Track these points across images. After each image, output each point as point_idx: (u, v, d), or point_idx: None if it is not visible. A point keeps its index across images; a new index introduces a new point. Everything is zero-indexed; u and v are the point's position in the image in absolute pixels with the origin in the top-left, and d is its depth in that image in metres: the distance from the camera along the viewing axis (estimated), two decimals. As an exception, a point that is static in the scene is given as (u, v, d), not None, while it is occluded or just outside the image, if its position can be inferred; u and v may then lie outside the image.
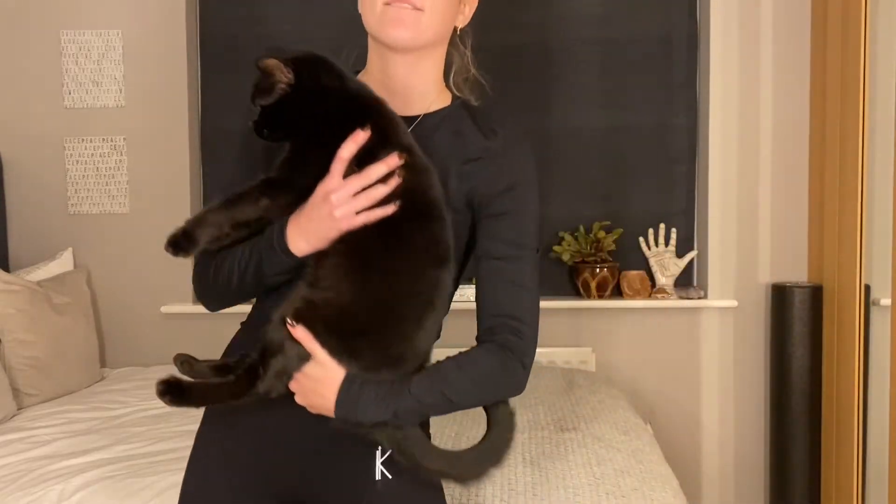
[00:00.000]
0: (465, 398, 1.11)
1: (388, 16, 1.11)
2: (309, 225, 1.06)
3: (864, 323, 2.55)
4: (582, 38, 3.09)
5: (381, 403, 1.05)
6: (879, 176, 2.49)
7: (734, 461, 3.04)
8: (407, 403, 1.06)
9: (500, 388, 1.13)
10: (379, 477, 1.13)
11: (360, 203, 1.03)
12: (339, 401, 1.05)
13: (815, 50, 2.88)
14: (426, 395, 1.07)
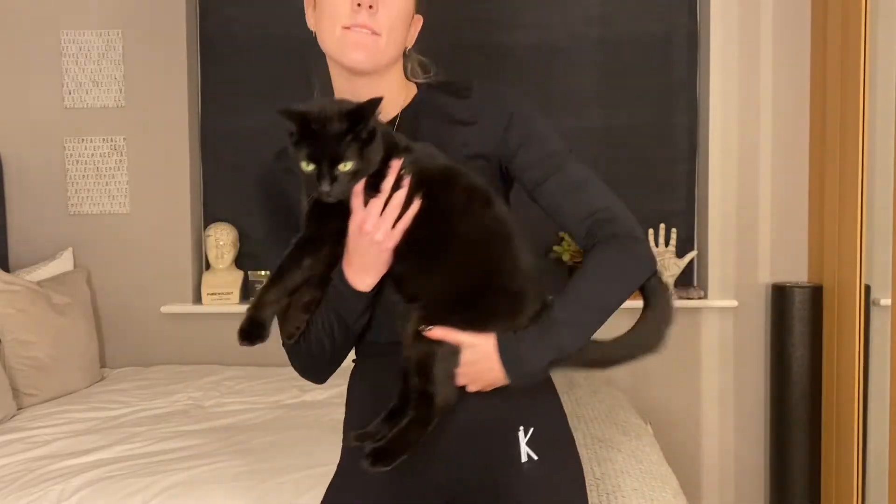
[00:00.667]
0: (610, 297, 1.17)
1: (347, 40, 1.15)
2: (362, 261, 1.12)
3: (864, 323, 2.55)
4: (582, 38, 3.09)
5: (541, 345, 1.09)
6: (879, 176, 2.49)
7: (734, 461, 3.04)
8: (564, 331, 1.10)
9: (632, 271, 1.18)
10: (525, 459, 1.16)
11: (390, 217, 1.09)
12: (505, 364, 1.08)
13: (815, 50, 2.88)
14: (575, 314, 1.12)
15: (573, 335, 1.12)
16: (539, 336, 1.10)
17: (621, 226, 1.18)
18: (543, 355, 1.10)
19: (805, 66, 2.93)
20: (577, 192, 1.22)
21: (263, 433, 2.15)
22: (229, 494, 1.74)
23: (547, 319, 1.11)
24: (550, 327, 1.10)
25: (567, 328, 1.11)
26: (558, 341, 1.10)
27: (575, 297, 1.14)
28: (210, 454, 1.99)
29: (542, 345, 1.09)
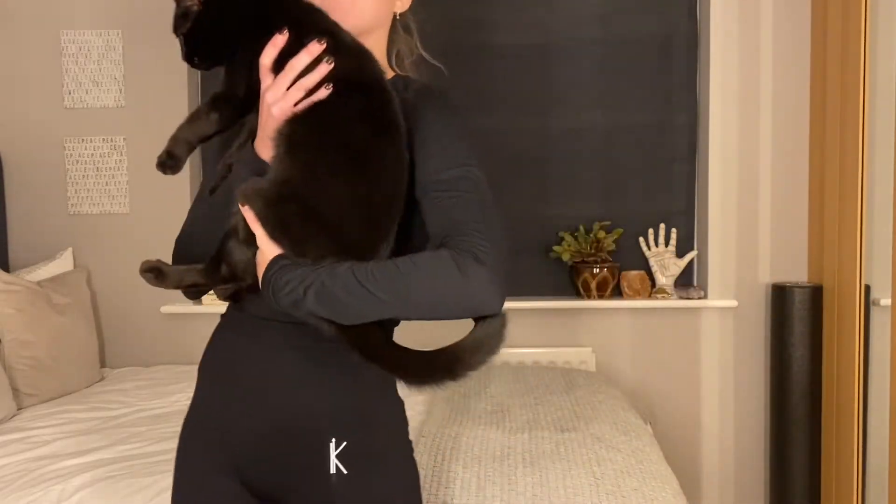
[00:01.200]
0: (403, 288, 0.98)
1: (325, 2, 1.13)
2: (262, 133, 1.09)
3: (864, 323, 2.55)
4: (582, 38, 3.09)
5: (297, 290, 1.01)
6: (879, 176, 2.49)
7: (734, 461, 3.04)
8: (323, 296, 0.99)
9: (444, 285, 0.98)
10: (333, 471, 1.09)
11: (293, 96, 1.05)
12: (263, 279, 1.05)
13: (815, 49, 2.88)
14: (346, 284, 0.99)
15: (323, 298, 1.00)
16: (299, 277, 1.01)
17: (468, 242, 0.99)
18: (291, 297, 1.01)
19: (805, 66, 2.93)
20: (457, 208, 1.04)
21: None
22: (229, 494, 1.74)
23: (320, 266, 1.02)
24: (312, 272, 1.01)
25: (325, 290, 0.99)
26: (310, 294, 1.00)
27: (358, 265, 1.00)
28: (210, 454, 1.99)
29: (295, 287, 1.01)
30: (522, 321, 2.98)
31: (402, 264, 0.99)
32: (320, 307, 1.00)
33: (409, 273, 0.98)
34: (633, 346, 3.05)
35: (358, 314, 1.01)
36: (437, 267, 0.98)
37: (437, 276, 0.98)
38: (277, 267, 1.03)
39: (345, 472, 1.09)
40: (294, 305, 1.02)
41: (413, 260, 1.00)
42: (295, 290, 1.01)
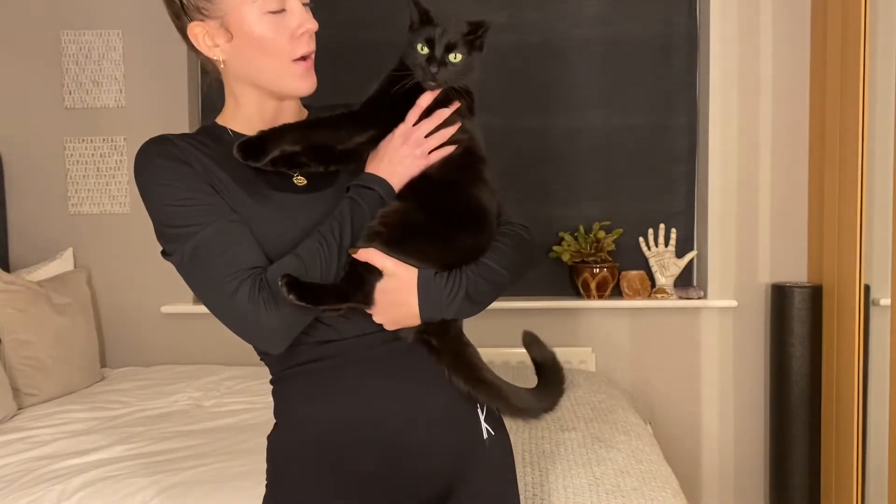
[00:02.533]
0: (514, 265, 1.20)
1: (297, 70, 1.18)
2: (391, 167, 1.15)
3: (864, 323, 2.55)
4: (582, 38, 3.09)
5: (454, 289, 1.12)
6: (879, 176, 2.49)
7: (734, 461, 3.04)
8: (476, 283, 1.14)
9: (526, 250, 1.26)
10: (486, 435, 1.20)
11: (433, 142, 1.16)
12: (421, 300, 1.11)
13: (815, 50, 2.88)
14: (486, 271, 1.16)
15: (478, 284, 1.14)
16: (450, 283, 1.12)
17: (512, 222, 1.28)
18: (455, 296, 1.12)
19: (805, 66, 2.93)
20: None
21: (263, 433, 2.14)
22: (229, 494, 1.74)
23: (455, 269, 1.15)
24: (458, 273, 1.14)
25: (475, 277, 1.14)
26: (465, 285, 1.13)
27: (485, 257, 1.19)
28: (210, 454, 1.99)
29: (453, 286, 1.12)
30: (522, 321, 2.97)
31: (506, 244, 1.21)
32: (478, 301, 1.15)
33: (515, 249, 1.21)
34: (633, 346, 3.05)
35: (498, 294, 1.19)
36: (516, 240, 1.23)
37: (520, 246, 1.23)
38: (433, 281, 1.12)
39: (493, 433, 1.21)
40: (456, 307, 1.13)
41: (506, 239, 1.22)
42: (457, 292, 1.12)
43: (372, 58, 3.11)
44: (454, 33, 1.17)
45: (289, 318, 1.09)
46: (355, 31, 3.01)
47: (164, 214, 1.15)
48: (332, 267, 1.10)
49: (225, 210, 1.12)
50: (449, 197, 1.17)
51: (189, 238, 1.11)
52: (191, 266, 1.12)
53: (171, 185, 1.13)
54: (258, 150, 1.13)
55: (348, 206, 1.13)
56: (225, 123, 1.24)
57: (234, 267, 1.09)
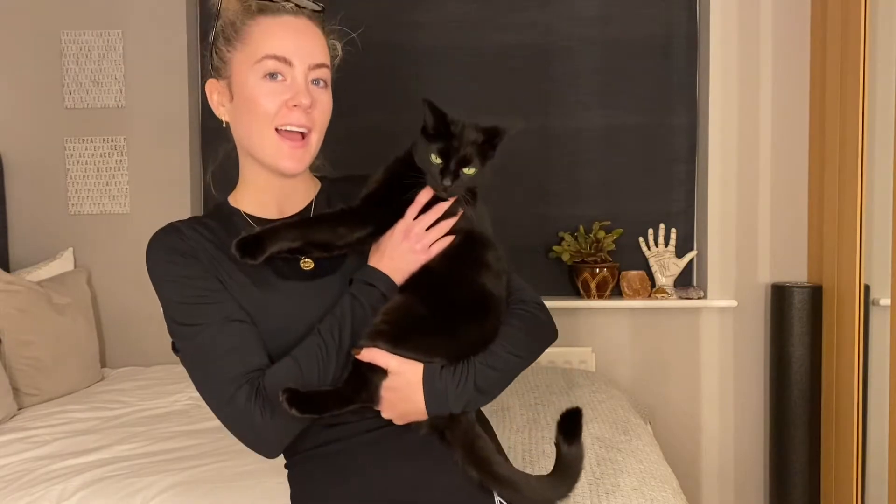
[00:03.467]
0: (526, 349, 1.19)
1: (281, 149, 1.17)
2: (393, 263, 1.16)
3: (864, 323, 2.55)
4: (582, 38, 3.09)
5: (461, 383, 1.12)
6: (879, 176, 2.49)
7: (734, 461, 3.04)
8: (484, 373, 1.13)
9: (540, 329, 1.24)
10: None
11: (434, 235, 1.16)
12: (427, 397, 1.11)
13: (815, 50, 2.88)
14: (494, 359, 1.15)
15: (486, 374, 1.14)
16: (458, 376, 1.12)
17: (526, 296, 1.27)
18: (461, 394, 1.12)
19: (805, 66, 2.93)
20: None
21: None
22: (229, 494, 1.74)
23: (465, 362, 1.14)
24: (468, 367, 1.14)
25: (483, 367, 1.14)
26: (473, 376, 1.13)
27: (493, 345, 1.18)
28: (210, 454, 1.99)
29: (461, 385, 1.12)
30: (522, 321, 2.98)
31: (518, 328, 1.20)
32: (487, 391, 1.15)
33: (527, 333, 1.21)
34: (633, 346, 3.05)
35: (509, 381, 1.19)
36: (529, 321, 1.22)
37: (534, 327, 1.23)
38: (438, 376, 1.12)
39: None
40: (464, 400, 1.12)
41: (517, 321, 1.21)
42: (464, 386, 1.12)
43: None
44: (469, 145, 1.14)
45: (285, 426, 1.11)
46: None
47: (172, 311, 1.16)
48: (329, 369, 1.11)
49: (230, 308, 1.13)
50: (451, 288, 1.17)
51: (193, 337, 1.13)
52: (193, 364, 1.14)
53: (177, 281, 1.15)
54: (255, 248, 1.13)
55: (349, 305, 1.13)
56: (237, 203, 1.25)
57: (233, 371, 1.10)
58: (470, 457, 1.15)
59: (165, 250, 1.18)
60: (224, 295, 1.14)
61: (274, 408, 1.08)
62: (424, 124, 1.16)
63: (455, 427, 1.15)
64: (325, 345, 1.11)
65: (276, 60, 1.15)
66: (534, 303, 1.25)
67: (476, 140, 1.14)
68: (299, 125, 1.16)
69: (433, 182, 1.15)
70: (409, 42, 3.08)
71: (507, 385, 1.19)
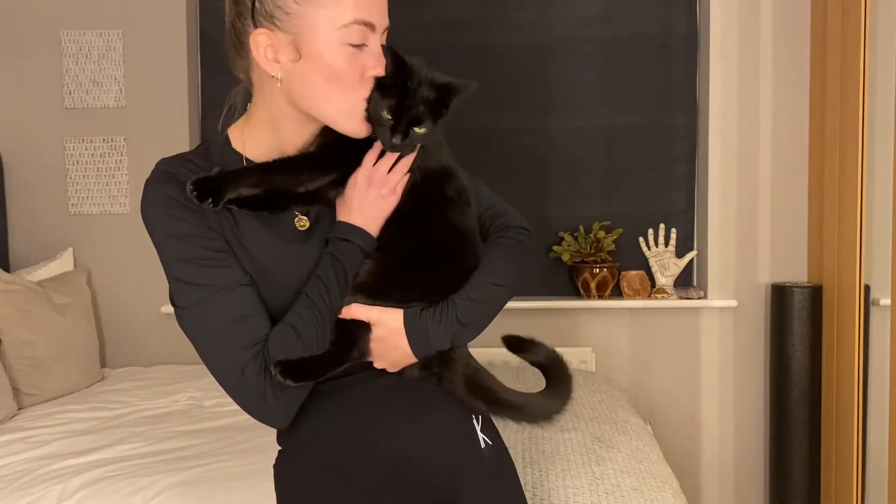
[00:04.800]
0: (502, 278, 1.16)
1: (363, 113, 1.10)
2: (363, 213, 1.12)
3: (864, 323, 2.55)
4: (582, 38, 3.09)
5: (442, 320, 1.11)
6: (879, 176, 2.49)
7: (734, 461, 3.04)
8: (465, 307, 1.12)
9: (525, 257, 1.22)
10: (483, 445, 1.18)
11: (397, 176, 1.12)
12: (410, 340, 1.10)
13: (815, 50, 2.88)
14: (475, 292, 1.13)
15: (471, 310, 1.13)
16: (439, 314, 1.11)
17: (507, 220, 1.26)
18: (445, 331, 1.11)
19: (805, 66, 2.93)
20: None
21: (263, 433, 2.15)
22: (229, 494, 1.74)
23: (447, 299, 1.13)
24: (450, 303, 1.12)
25: (463, 301, 1.13)
26: (458, 314, 1.12)
27: (475, 276, 1.16)
28: (210, 454, 1.99)
29: (443, 322, 1.11)
30: (522, 321, 2.98)
31: (501, 257, 1.18)
32: (471, 324, 1.13)
33: (511, 260, 1.18)
34: (632, 345, 3.05)
35: (496, 312, 1.17)
36: (512, 249, 1.20)
37: (519, 254, 1.20)
38: (418, 318, 1.11)
39: (490, 442, 1.20)
40: (449, 337, 1.12)
41: (500, 250, 1.19)
42: (446, 322, 1.11)
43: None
44: (422, 103, 1.10)
45: (292, 396, 1.10)
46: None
47: (174, 269, 1.09)
48: (327, 332, 1.09)
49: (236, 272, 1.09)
50: (416, 231, 1.15)
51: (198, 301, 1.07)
52: (196, 330, 1.09)
53: (179, 238, 1.08)
54: (215, 190, 1.06)
55: (331, 266, 1.10)
56: (242, 148, 1.16)
57: (241, 341, 1.07)
58: (473, 391, 1.16)
59: (164, 202, 1.08)
60: (230, 258, 1.09)
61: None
62: (384, 73, 1.10)
63: (449, 365, 1.15)
64: (316, 308, 1.08)
65: (365, 27, 1.07)
66: (517, 228, 1.23)
67: (429, 98, 1.10)
68: None
69: (382, 138, 1.10)
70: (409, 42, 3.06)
71: (493, 315, 1.17)
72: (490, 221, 1.24)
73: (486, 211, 1.25)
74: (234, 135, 1.17)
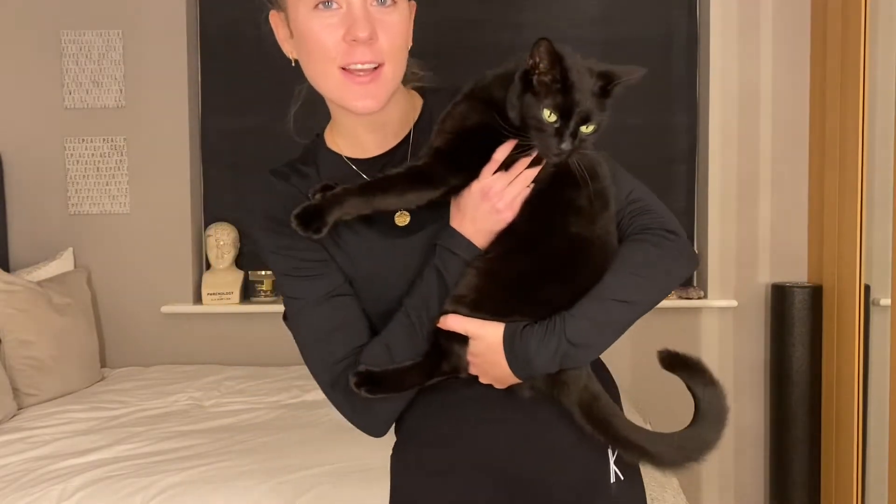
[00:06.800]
0: (630, 293, 1.03)
1: (348, 88, 1.02)
2: (475, 225, 1.03)
3: (864, 323, 2.55)
4: (582, 38, 3.09)
5: (550, 338, 0.99)
6: (879, 176, 2.49)
7: (734, 461, 3.04)
8: (576, 325, 1.00)
9: (664, 267, 1.07)
10: (613, 479, 1.10)
11: (515, 190, 1.01)
12: (509, 358, 1.00)
13: (815, 49, 2.88)
14: (591, 309, 1.01)
15: (585, 330, 1.00)
16: (547, 332, 1.00)
17: (649, 219, 1.11)
18: (549, 351, 0.99)
19: (805, 66, 2.93)
20: None
21: (263, 433, 2.15)
22: (229, 494, 1.75)
23: (558, 315, 1.01)
24: (561, 320, 1.00)
25: (574, 319, 1.00)
26: (568, 334, 0.99)
27: (595, 291, 1.03)
28: (210, 454, 1.99)
29: (550, 339, 0.99)
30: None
31: (631, 267, 1.03)
32: (584, 344, 1.01)
33: (643, 271, 1.03)
34: (632, 345, 3.04)
35: (618, 333, 1.04)
36: (647, 256, 1.04)
37: (657, 261, 1.05)
38: (519, 335, 1.00)
39: (622, 477, 1.10)
40: (556, 358, 1.00)
41: (632, 258, 1.04)
42: (551, 342, 0.99)
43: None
44: (588, 95, 0.99)
45: (386, 408, 1.06)
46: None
47: (279, 282, 1.10)
48: (420, 350, 1.03)
49: (332, 281, 1.06)
50: (533, 240, 1.02)
51: (297, 313, 1.08)
52: (298, 341, 1.10)
53: (278, 252, 1.07)
54: (317, 219, 0.99)
55: (435, 281, 1.03)
56: (332, 143, 1.13)
57: (336, 354, 1.05)
58: (589, 419, 1.04)
59: (262, 217, 1.07)
60: (328, 265, 1.06)
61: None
62: (528, 68, 0.98)
63: (563, 388, 1.03)
64: (413, 327, 1.03)
65: None
66: (661, 230, 1.07)
67: (594, 89, 0.99)
68: (365, 62, 1.00)
69: (544, 146, 0.96)
70: (409, 42, 3.07)
71: (614, 336, 1.03)
72: (629, 220, 1.09)
73: (626, 206, 1.10)
74: (328, 134, 1.14)
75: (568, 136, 0.95)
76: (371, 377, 1.01)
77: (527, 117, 0.96)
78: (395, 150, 1.11)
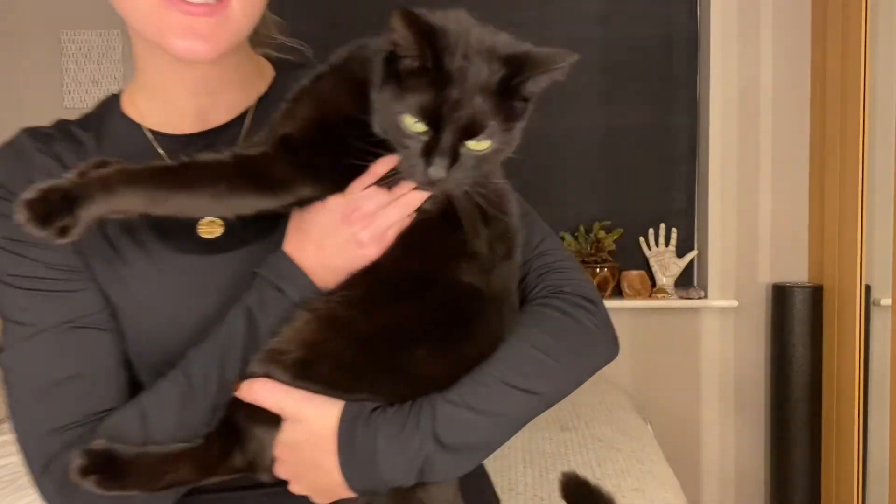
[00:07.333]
0: (541, 376, 0.73)
1: (170, 17, 0.70)
2: (323, 255, 0.71)
3: (865, 323, 2.55)
4: (582, 38, 3.09)
5: (410, 432, 0.67)
6: (879, 176, 2.49)
7: (734, 461, 3.04)
8: (451, 415, 0.68)
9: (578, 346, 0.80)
10: None
11: (391, 217, 0.70)
12: (343, 459, 0.66)
13: (815, 49, 2.87)
14: (476, 394, 0.69)
15: (455, 418, 0.68)
16: (402, 415, 0.67)
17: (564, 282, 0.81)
18: (408, 446, 0.66)
19: (805, 66, 2.92)
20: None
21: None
22: (229, 494, 1.74)
23: (426, 399, 0.70)
24: (431, 407, 0.68)
25: (449, 406, 0.68)
26: (430, 421, 0.67)
27: (482, 370, 0.71)
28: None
29: (407, 429, 0.67)
30: (522, 321, 2.98)
31: (534, 340, 0.73)
32: (458, 446, 0.68)
33: (550, 348, 0.74)
34: (633, 345, 3.04)
35: (511, 430, 0.73)
36: (560, 328, 0.76)
37: (564, 338, 0.77)
38: (362, 425, 0.67)
39: None
40: (413, 465, 0.67)
41: (536, 330, 0.74)
42: (411, 439, 0.66)
43: None
44: (477, 91, 0.65)
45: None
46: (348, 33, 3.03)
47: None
48: (193, 424, 0.69)
49: (80, 303, 0.72)
50: (409, 289, 0.71)
51: (14, 346, 0.71)
52: (11, 386, 0.72)
53: (3, 247, 0.72)
54: (65, 211, 0.63)
55: (243, 322, 0.70)
56: (131, 107, 0.79)
57: (53, 422, 0.69)
58: None
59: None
60: (79, 280, 0.72)
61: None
62: (390, 52, 0.65)
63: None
64: (191, 389, 0.68)
65: None
66: (575, 296, 0.79)
67: (489, 83, 0.66)
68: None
69: (408, 167, 0.66)
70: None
71: (505, 434, 0.72)
72: (536, 278, 0.80)
73: (534, 259, 0.80)
74: (126, 95, 0.81)
75: (439, 156, 0.64)
76: (111, 462, 0.66)
77: (384, 123, 0.66)
78: (224, 129, 0.79)
